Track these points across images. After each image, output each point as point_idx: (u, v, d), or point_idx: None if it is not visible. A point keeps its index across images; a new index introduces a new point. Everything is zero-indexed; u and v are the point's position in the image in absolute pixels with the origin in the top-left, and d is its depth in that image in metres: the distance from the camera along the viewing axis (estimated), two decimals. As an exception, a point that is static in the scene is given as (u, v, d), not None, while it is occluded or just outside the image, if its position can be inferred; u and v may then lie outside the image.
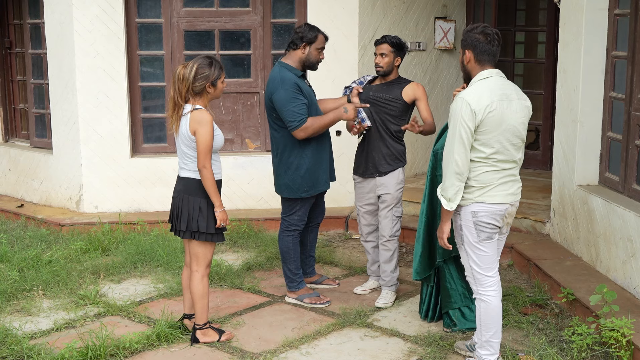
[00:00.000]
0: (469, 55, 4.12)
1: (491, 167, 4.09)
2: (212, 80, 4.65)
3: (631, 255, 5.11)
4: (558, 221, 6.30)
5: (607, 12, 5.75)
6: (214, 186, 4.64)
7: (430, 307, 5.18)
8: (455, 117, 4.02)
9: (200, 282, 4.79)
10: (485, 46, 4.07)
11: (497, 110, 4.01)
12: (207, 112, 4.63)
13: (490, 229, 4.18)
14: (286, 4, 7.80)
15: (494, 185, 4.11)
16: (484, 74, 4.10)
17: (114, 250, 6.79)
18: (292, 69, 5.34)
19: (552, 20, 8.34)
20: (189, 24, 7.74)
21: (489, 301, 4.27)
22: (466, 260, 4.32)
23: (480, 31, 4.09)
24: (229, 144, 7.93)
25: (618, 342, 4.37)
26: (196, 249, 4.78)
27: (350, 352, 4.77)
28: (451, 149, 4.03)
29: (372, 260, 5.83)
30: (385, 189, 5.53)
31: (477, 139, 4.03)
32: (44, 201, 8.22)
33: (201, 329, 4.85)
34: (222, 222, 4.67)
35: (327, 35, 5.50)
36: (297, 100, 5.21)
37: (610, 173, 5.84)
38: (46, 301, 5.65)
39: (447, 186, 4.07)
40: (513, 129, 4.08)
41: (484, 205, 4.12)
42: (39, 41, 8.27)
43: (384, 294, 5.60)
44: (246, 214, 7.59)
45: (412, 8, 8.23)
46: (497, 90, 4.05)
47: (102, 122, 7.64)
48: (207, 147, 4.58)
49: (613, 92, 5.78)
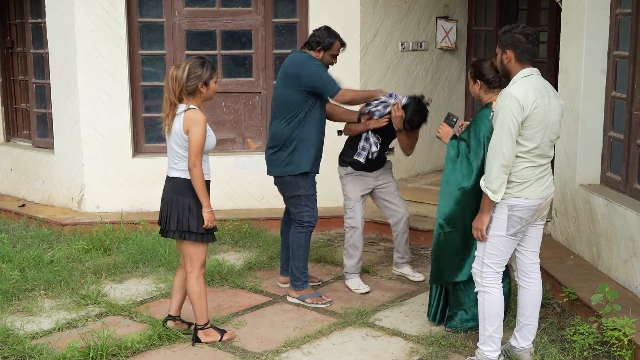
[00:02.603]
0: (509, 54, 4.23)
1: (530, 162, 4.20)
2: (205, 80, 4.69)
3: (633, 255, 5.11)
4: (560, 221, 6.30)
5: (609, 12, 5.75)
6: (203, 186, 4.64)
7: (439, 309, 5.14)
8: (503, 111, 4.12)
9: (195, 283, 4.78)
10: (526, 46, 4.20)
11: (541, 107, 4.14)
12: (201, 112, 4.66)
13: (520, 225, 4.27)
14: (288, 3, 7.79)
15: (532, 181, 4.22)
16: (525, 71, 4.22)
17: (115, 250, 6.79)
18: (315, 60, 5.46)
19: (553, 19, 8.33)
20: (190, 24, 7.74)
21: (492, 293, 4.34)
22: (481, 252, 4.37)
23: (520, 31, 4.21)
24: (231, 143, 7.94)
25: (620, 341, 4.37)
26: (188, 250, 4.77)
27: (351, 351, 4.77)
28: (499, 142, 4.12)
29: (361, 257, 5.95)
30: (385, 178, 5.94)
31: (520, 134, 4.15)
32: (46, 201, 8.22)
33: (202, 329, 4.86)
34: (209, 223, 4.66)
35: (345, 42, 5.58)
36: (327, 72, 5.37)
37: (611, 172, 5.84)
38: (48, 301, 5.65)
39: (493, 178, 4.16)
40: (552, 125, 4.22)
41: (522, 200, 4.22)
42: (41, 41, 8.27)
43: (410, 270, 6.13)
44: (248, 213, 7.59)
45: (414, 8, 8.23)
46: (539, 87, 4.19)
47: (104, 121, 7.64)
48: (199, 147, 4.60)
49: (615, 91, 5.78)
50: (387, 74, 7.99)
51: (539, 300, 4.51)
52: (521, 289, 4.51)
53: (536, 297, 4.49)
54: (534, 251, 4.48)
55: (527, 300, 4.48)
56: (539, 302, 4.51)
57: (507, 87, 4.21)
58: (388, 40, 8.00)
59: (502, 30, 4.29)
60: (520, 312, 4.51)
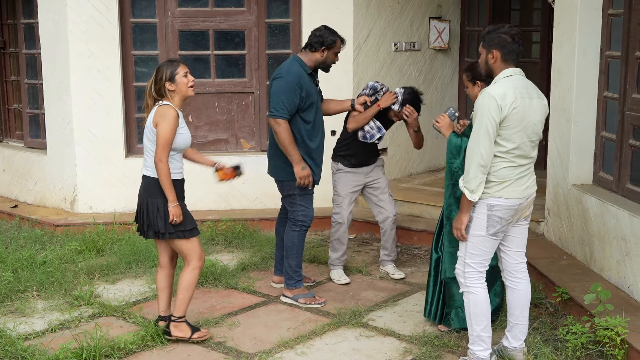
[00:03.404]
0: (496, 54, 4.21)
1: (510, 162, 4.19)
2: (169, 76, 4.67)
3: (625, 255, 5.12)
4: (552, 220, 6.31)
5: (601, 12, 5.77)
6: (168, 180, 4.61)
7: (439, 308, 5.12)
8: (482, 111, 4.12)
9: (190, 273, 4.78)
10: (512, 46, 4.20)
11: (520, 107, 4.13)
12: (172, 108, 4.65)
13: (500, 225, 4.27)
14: (281, 3, 7.79)
15: (511, 181, 4.21)
16: (507, 71, 4.21)
17: (108, 250, 6.77)
18: (303, 65, 5.43)
19: (546, 20, 8.35)
20: (183, 24, 7.73)
21: (476, 293, 4.34)
22: (463, 253, 4.37)
23: (506, 31, 4.20)
24: (224, 143, 7.93)
25: (612, 340, 4.38)
26: (179, 247, 4.77)
27: (345, 351, 4.77)
28: (477, 142, 4.12)
29: (345, 252, 6.14)
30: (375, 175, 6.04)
31: (499, 134, 4.14)
32: (38, 201, 8.20)
33: (176, 322, 4.84)
34: (174, 218, 4.63)
35: (345, 39, 5.58)
36: (291, 95, 5.28)
37: (604, 172, 5.86)
38: (40, 302, 5.64)
39: (470, 178, 4.16)
40: (533, 126, 4.21)
41: (501, 200, 4.22)
42: (33, 41, 8.25)
43: (393, 268, 6.19)
44: (241, 214, 7.59)
45: (407, 8, 8.24)
46: (520, 88, 4.17)
47: (97, 122, 7.62)
48: (166, 141, 4.59)
49: (607, 91, 5.80)
50: (380, 74, 7.99)
51: (528, 299, 4.51)
52: (509, 289, 4.51)
53: (524, 296, 4.49)
54: (519, 251, 4.48)
55: (516, 300, 4.48)
56: (528, 301, 4.51)
57: (488, 87, 4.21)
58: (381, 41, 8.00)
59: (487, 30, 4.28)
60: (510, 312, 4.52)
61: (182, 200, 4.77)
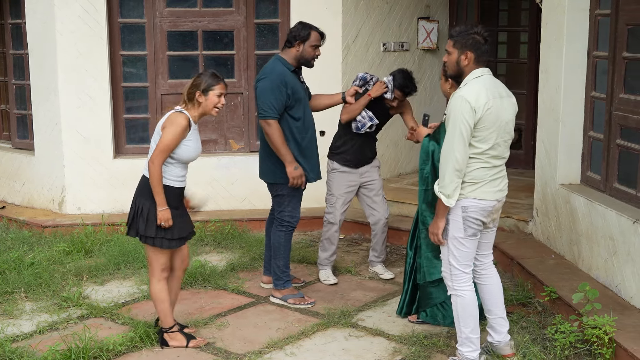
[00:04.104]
0: (470, 56, 4.20)
1: (485, 163, 4.19)
2: (204, 88, 4.63)
3: (612, 254, 5.15)
4: (541, 220, 6.33)
5: (589, 13, 5.80)
6: (159, 184, 4.56)
7: (406, 303, 5.27)
8: (455, 115, 4.10)
9: (155, 287, 4.74)
10: (485, 47, 4.22)
11: (494, 108, 4.13)
12: (185, 117, 4.59)
13: (477, 225, 4.27)
14: (269, 4, 7.79)
15: (485, 182, 4.21)
16: (477, 72, 4.21)
17: (97, 251, 6.75)
18: (285, 63, 5.43)
19: (534, 20, 8.38)
20: (172, 24, 7.71)
21: (464, 296, 4.35)
22: (446, 256, 4.37)
23: (479, 33, 4.21)
24: (213, 144, 7.92)
25: (600, 339, 4.40)
26: (147, 253, 4.75)
27: (334, 352, 4.77)
28: (451, 147, 4.10)
29: (335, 252, 6.12)
30: (370, 176, 6.02)
31: (474, 136, 4.13)
32: (26, 203, 8.16)
33: (167, 332, 4.82)
34: (161, 222, 4.57)
35: (323, 33, 5.56)
36: (277, 94, 5.28)
37: (592, 172, 5.89)
38: (29, 304, 5.61)
39: (446, 183, 4.14)
40: (505, 125, 4.20)
41: (474, 201, 4.21)
42: (21, 41, 8.21)
43: (382, 268, 6.20)
44: (230, 214, 7.58)
45: (395, 8, 8.25)
46: (491, 88, 4.18)
47: (85, 123, 7.59)
48: (166, 146, 4.54)
49: (594, 91, 5.83)
50: (369, 75, 7.99)
51: (500, 291, 4.53)
52: (480, 286, 4.54)
53: (496, 290, 4.51)
54: (487, 253, 4.52)
55: (487, 295, 4.52)
56: (501, 293, 4.53)
57: (459, 90, 4.19)
58: (370, 41, 8.01)
59: (458, 31, 4.25)
60: (486, 309, 4.55)
61: (179, 209, 4.73)
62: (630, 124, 5.32)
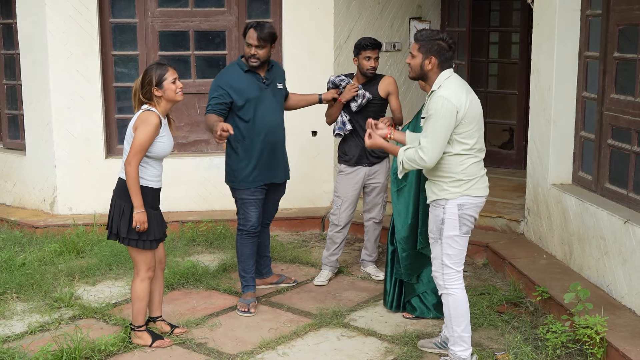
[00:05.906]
0: (434, 61, 4.29)
1: (475, 158, 4.30)
2: (156, 81, 4.60)
3: (604, 254, 5.16)
4: (532, 220, 6.35)
5: (580, 13, 5.81)
6: (136, 185, 4.55)
7: (395, 297, 5.37)
8: (437, 114, 4.16)
9: (139, 285, 4.75)
10: (448, 53, 4.31)
11: (472, 103, 4.25)
12: (156, 115, 4.58)
13: (471, 222, 4.36)
14: (261, 4, 7.78)
15: (478, 178, 4.32)
16: (446, 73, 4.32)
17: (88, 252, 6.73)
18: (241, 64, 5.49)
19: (525, 21, 8.40)
20: (163, 24, 7.70)
21: (456, 294, 4.39)
22: (439, 255, 4.40)
23: (444, 39, 4.30)
24: (205, 144, 7.91)
25: (592, 339, 4.41)
26: (133, 254, 4.75)
27: (326, 352, 4.77)
28: (433, 145, 4.17)
29: (334, 252, 6.08)
30: (378, 178, 6.00)
31: (460, 133, 4.21)
32: (17, 203, 8.13)
33: (135, 331, 4.84)
34: (137, 224, 4.56)
35: (257, 27, 5.35)
36: (215, 94, 5.37)
37: (583, 172, 5.90)
38: (20, 304, 5.59)
39: (408, 167, 4.32)
40: (480, 118, 4.33)
41: (470, 199, 4.31)
42: (12, 41, 8.18)
43: (374, 269, 6.19)
44: (222, 214, 7.56)
45: (387, 9, 8.26)
46: (462, 85, 4.30)
47: (76, 123, 7.57)
48: (140, 146, 4.52)
49: (585, 92, 5.84)
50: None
51: None
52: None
53: None
54: None
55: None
56: None
57: (438, 90, 4.24)
58: (362, 41, 8.00)
59: (424, 36, 4.32)
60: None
61: (156, 209, 4.74)
62: (621, 124, 5.35)
